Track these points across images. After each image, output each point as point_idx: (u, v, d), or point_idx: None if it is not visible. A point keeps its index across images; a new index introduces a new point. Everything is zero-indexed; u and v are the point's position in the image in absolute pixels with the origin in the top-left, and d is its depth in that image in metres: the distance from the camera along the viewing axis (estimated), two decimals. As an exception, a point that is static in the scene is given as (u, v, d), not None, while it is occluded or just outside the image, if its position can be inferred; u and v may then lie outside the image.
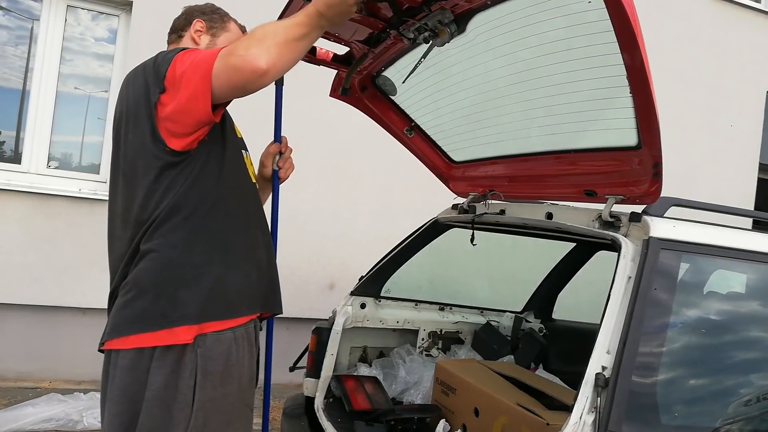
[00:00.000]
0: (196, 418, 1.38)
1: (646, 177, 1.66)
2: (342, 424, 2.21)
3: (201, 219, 1.43)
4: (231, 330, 1.45)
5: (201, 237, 1.43)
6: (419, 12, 1.57)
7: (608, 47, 1.34)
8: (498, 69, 1.82)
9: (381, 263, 2.66)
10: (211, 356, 1.40)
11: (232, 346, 1.45)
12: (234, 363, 1.45)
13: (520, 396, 2.01)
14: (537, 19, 1.51)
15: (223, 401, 1.43)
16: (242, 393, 1.50)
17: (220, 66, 1.32)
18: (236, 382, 1.47)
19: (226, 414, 1.45)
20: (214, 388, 1.41)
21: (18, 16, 4.09)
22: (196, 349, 1.38)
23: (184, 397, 1.37)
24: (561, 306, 3.32)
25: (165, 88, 1.37)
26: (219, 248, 1.46)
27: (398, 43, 1.78)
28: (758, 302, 2.00)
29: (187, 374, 1.37)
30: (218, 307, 1.43)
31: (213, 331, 1.41)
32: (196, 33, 1.66)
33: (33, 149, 4.04)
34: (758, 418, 1.71)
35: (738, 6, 6.18)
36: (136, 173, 1.44)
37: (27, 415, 3.20)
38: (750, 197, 6.20)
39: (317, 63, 2.00)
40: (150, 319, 1.38)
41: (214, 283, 1.43)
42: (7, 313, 3.91)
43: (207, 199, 1.45)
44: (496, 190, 2.34)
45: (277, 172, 1.84)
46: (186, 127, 1.39)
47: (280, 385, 4.38)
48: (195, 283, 1.41)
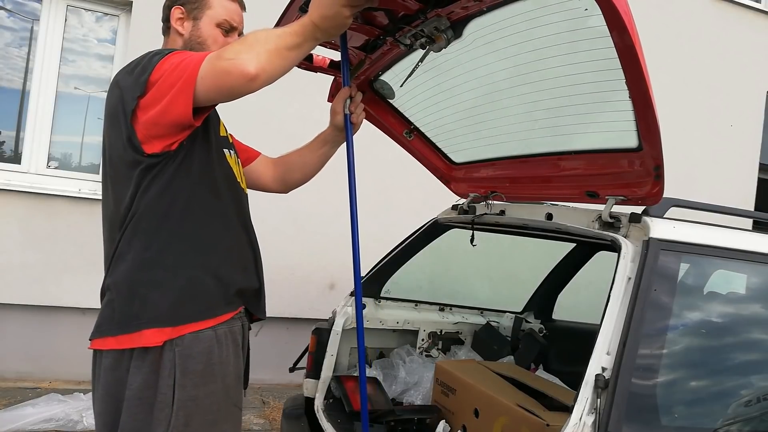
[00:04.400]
0: (177, 417, 1.37)
1: (648, 179, 1.66)
2: (342, 424, 2.20)
3: (176, 220, 1.42)
4: (212, 329, 1.44)
5: (175, 238, 1.42)
6: (415, 19, 1.57)
7: (608, 51, 1.33)
8: (498, 71, 1.82)
9: (381, 264, 2.66)
10: (190, 354, 1.39)
11: (213, 344, 1.43)
12: (216, 362, 1.43)
13: (520, 397, 2.01)
14: (536, 24, 1.50)
15: (206, 400, 1.41)
16: (228, 392, 1.48)
17: (208, 69, 1.29)
18: (220, 381, 1.45)
19: (211, 413, 1.43)
20: (195, 387, 1.39)
21: (18, 16, 4.08)
22: (174, 348, 1.37)
23: (163, 397, 1.37)
24: (561, 306, 3.32)
25: (146, 91, 1.34)
26: (195, 249, 1.44)
27: (395, 48, 1.77)
28: (758, 303, 2.00)
29: (166, 373, 1.36)
30: (192, 308, 1.41)
31: (190, 331, 1.40)
32: (177, 22, 1.60)
33: (33, 149, 4.04)
34: (758, 418, 1.71)
35: (738, 6, 6.17)
36: (118, 175, 1.44)
37: (27, 415, 3.20)
38: (750, 197, 6.20)
39: (314, 70, 2.00)
40: (125, 320, 1.38)
41: (187, 283, 1.41)
42: (7, 313, 3.91)
43: (183, 201, 1.43)
44: (497, 191, 2.34)
45: (348, 117, 1.77)
46: (164, 130, 1.37)
47: (280, 386, 4.39)
48: (166, 285, 1.39)
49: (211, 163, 1.51)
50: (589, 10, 1.28)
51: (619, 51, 1.30)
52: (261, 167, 1.95)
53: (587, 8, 1.29)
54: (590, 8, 1.26)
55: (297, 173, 1.96)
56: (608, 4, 1.20)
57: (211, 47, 1.58)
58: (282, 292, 4.46)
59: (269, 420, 3.77)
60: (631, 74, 1.35)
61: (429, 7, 1.51)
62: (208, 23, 1.59)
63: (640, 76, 1.32)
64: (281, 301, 4.47)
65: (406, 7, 1.54)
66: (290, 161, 1.96)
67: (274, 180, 1.97)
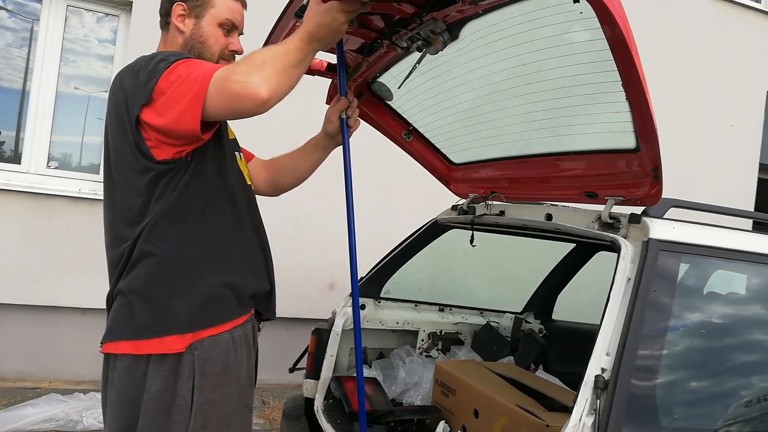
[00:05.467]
0: (195, 420, 1.38)
1: (646, 179, 1.66)
2: (341, 425, 2.21)
3: (192, 225, 1.42)
4: (229, 332, 1.45)
5: (192, 243, 1.42)
6: (411, 22, 1.57)
7: (606, 52, 1.33)
8: (496, 72, 1.82)
9: (381, 264, 2.66)
10: (209, 358, 1.40)
11: (230, 347, 1.44)
12: (232, 364, 1.45)
13: (520, 397, 2.01)
14: (534, 26, 1.50)
15: (222, 402, 1.43)
16: (241, 394, 1.50)
17: (217, 88, 1.28)
18: (235, 383, 1.47)
19: (226, 415, 1.44)
20: (213, 390, 1.40)
21: (19, 17, 4.08)
22: (194, 351, 1.38)
23: (182, 400, 1.37)
24: (561, 307, 3.32)
25: (152, 99, 1.33)
26: (211, 254, 1.44)
27: (392, 51, 1.78)
28: (758, 303, 2.00)
29: (186, 377, 1.37)
30: (211, 314, 1.42)
31: (209, 335, 1.41)
32: (179, 18, 1.56)
33: (33, 149, 4.04)
34: (758, 419, 1.71)
35: (738, 6, 6.17)
36: (126, 180, 1.43)
37: (27, 415, 3.20)
38: (750, 197, 6.20)
39: (312, 73, 2.00)
40: (143, 326, 1.38)
41: (207, 290, 1.42)
42: (7, 313, 3.91)
43: (198, 205, 1.42)
44: (497, 191, 2.34)
45: (345, 121, 1.79)
46: (172, 140, 1.37)
47: (280, 386, 4.39)
48: (186, 292, 1.40)
49: (224, 168, 1.51)
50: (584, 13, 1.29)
51: (612, 45, 1.31)
52: (254, 170, 1.94)
53: (582, 11, 1.29)
54: (584, 9, 1.27)
55: (288, 177, 1.96)
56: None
57: (212, 47, 1.57)
58: (282, 292, 4.42)
59: (269, 420, 3.77)
60: (624, 69, 1.35)
61: (424, 11, 1.51)
62: (210, 22, 1.56)
63: (633, 71, 1.32)
64: (281, 301, 4.42)
65: (402, 11, 1.54)
66: (281, 165, 1.95)
67: (265, 183, 1.96)
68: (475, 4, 1.42)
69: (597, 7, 1.22)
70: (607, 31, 1.28)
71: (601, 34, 1.29)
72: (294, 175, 1.96)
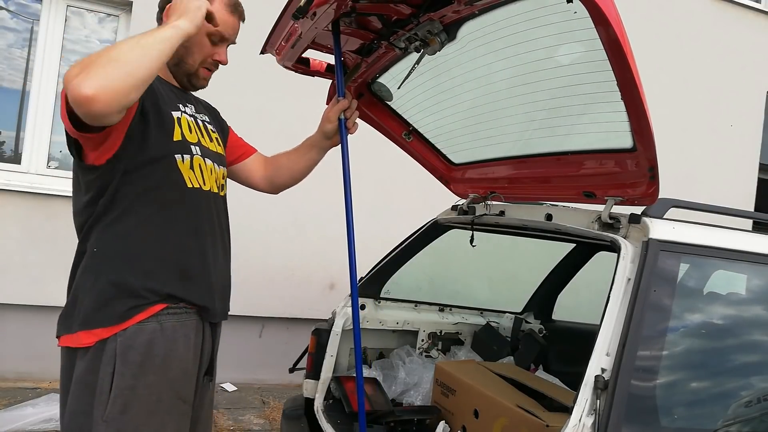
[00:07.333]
0: (114, 404, 1.40)
1: (643, 179, 1.66)
2: (341, 425, 2.20)
3: (112, 226, 1.46)
4: (156, 322, 1.45)
5: (109, 244, 1.46)
6: (408, 23, 1.58)
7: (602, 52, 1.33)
8: (495, 72, 1.82)
9: (381, 264, 2.66)
10: (132, 345, 1.42)
11: (157, 337, 1.45)
12: (158, 354, 1.45)
13: (520, 397, 2.01)
14: (531, 25, 1.51)
15: (144, 391, 1.43)
16: (172, 385, 1.48)
17: None
18: (162, 373, 1.46)
19: (150, 404, 1.44)
20: (134, 377, 1.42)
21: (20, 17, 4.09)
22: (117, 338, 1.42)
23: (102, 383, 1.40)
24: (561, 307, 3.32)
25: None
26: (122, 256, 1.46)
27: (390, 51, 1.79)
28: (758, 304, 2.00)
29: (107, 361, 1.41)
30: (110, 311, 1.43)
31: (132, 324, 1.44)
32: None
33: (33, 149, 4.04)
34: (758, 419, 1.71)
35: (738, 6, 6.17)
36: (74, 183, 1.53)
37: (27, 415, 3.21)
38: (750, 197, 6.20)
39: (311, 74, 2.00)
40: (68, 321, 1.49)
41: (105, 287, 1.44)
42: (7, 313, 3.91)
43: (117, 207, 1.45)
44: (496, 191, 2.34)
45: (344, 122, 1.81)
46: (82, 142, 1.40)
47: (280, 386, 4.39)
48: (91, 289, 1.45)
49: (154, 172, 1.48)
50: (578, 13, 1.29)
51: (606, 46, 1.31)
52: (254, 165, 1.95)
53: (576, 11, 1.30)
54: (578, 10, 1.27)
55: (285, 175, 1.97)
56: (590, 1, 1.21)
57: (194, 54, 1.58)
58: (282, 292, 4.46)
59: (269, 420, 3.78)
60: (619, 70, 1.35)
61: (421, 11, 1.52)
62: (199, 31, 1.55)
63: (628, 72, 1.33)
64: (281, 301, 4.47)
65: (399, 12, 1.55)
66: (279, 163, 1.97)
67: (264, 179, 1.97)
68: (471, 4, 1.43)
69: (590, 8, 1.23)
70: (601, 32, 1.29)
71: (597, 34, 1.29)
72: (291, 174, 1.97)
